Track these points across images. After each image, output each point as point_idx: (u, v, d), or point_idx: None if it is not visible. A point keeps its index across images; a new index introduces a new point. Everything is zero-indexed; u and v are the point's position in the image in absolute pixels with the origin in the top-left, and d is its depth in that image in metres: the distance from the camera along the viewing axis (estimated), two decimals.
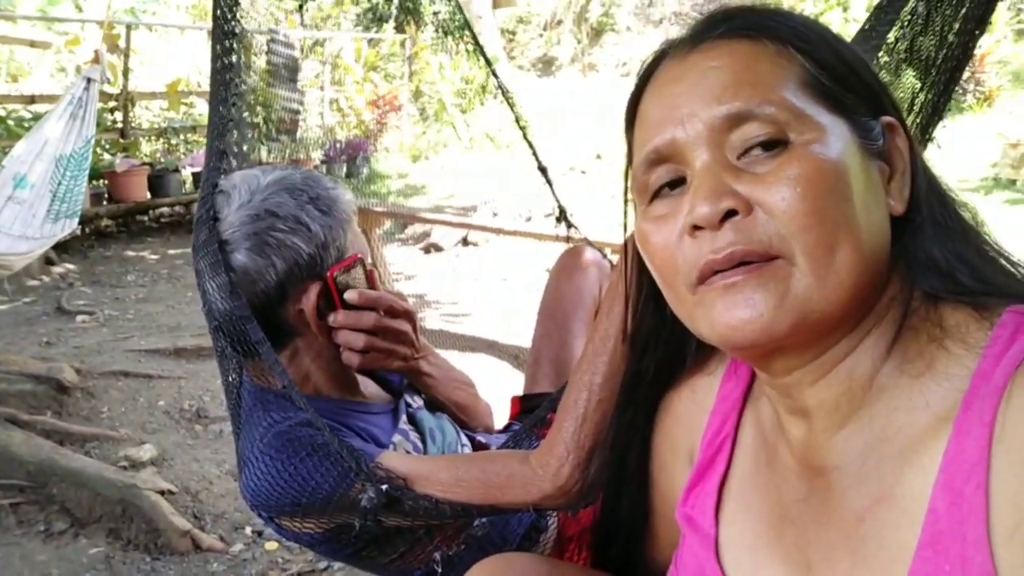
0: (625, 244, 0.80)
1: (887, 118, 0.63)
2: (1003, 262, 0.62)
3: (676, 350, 0.79)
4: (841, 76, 0.61)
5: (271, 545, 2.29)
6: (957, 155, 6.19)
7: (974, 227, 0.63)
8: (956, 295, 0.59)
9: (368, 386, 1.22)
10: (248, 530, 2.36)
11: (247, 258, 1.01)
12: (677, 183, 0.62)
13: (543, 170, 1.95)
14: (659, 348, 0.79)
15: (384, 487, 0.89)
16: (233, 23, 1.08)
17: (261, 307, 1.02)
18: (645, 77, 0.67)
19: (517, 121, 1.96)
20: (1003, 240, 0.64)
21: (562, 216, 1.95)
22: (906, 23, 0.88)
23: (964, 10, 0.87)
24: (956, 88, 0.98)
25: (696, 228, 0.58)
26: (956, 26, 0.88)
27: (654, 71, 0.66)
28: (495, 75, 2.02)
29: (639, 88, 0.67)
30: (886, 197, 0.61)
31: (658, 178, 0.63)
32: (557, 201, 1.95)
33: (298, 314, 1.05)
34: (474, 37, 2.12)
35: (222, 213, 1.03)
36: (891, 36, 0.88)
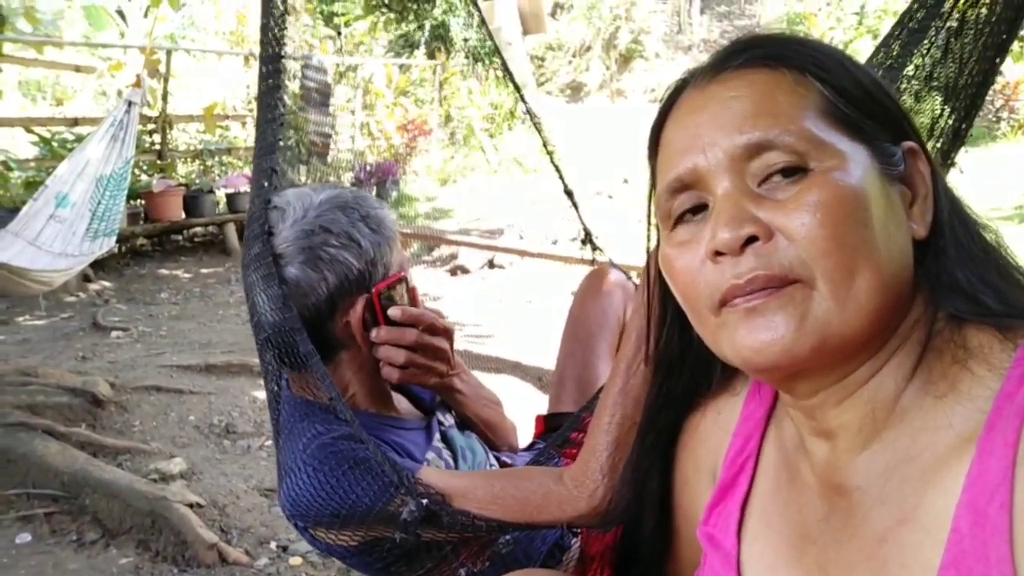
0: (647, 265, 0.81)
1: (908, 143, 0.63)
2: None
3: (702, 373, 0.79)
4: (860, 102, 0.62)
5: (295, 560, 2.31)
6: (991, 183, 6.11)
7: (996, 250, 0.64)
8: (981, 317, 0.59)
9: (401, 403, 1.25)
10: (273, 545, 2.39)
11: (300, 271, 1.04)
12: (700, 209, 0.63)
13: (569, 194, 1.97)
14: (685, 371, 0.79)
15: (425, 501, 0.90)
16: (279, 47, 1.13)
17: (311, 320, 1.05)
18: (667, 105, 0.69)
19: (544, 146, 1.99)
20: None
21: (587, 239, 1.97)
22: (926, 52, 0.90)
23: (984, 39, 0.88)
24: (979, 114, 0.99)
25: (718, 254, 0.60)
26: (976, 54, 0.90)
27: (676, 100, 0.68)
28: (523, 100, 2.06)
29: (662, 116, 0.69)
30: (908, 221, 0.62)
31: (681, 204, 0.64)
32: (583, 224, 1.97)
33: (345, 327, 1.08)
34: (503, 63, 2.16)
35: (276, 228, 1.06)
36: (911, 65, 0.90)
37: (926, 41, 0.89)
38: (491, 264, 6.02)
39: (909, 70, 0.91)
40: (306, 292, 1.05)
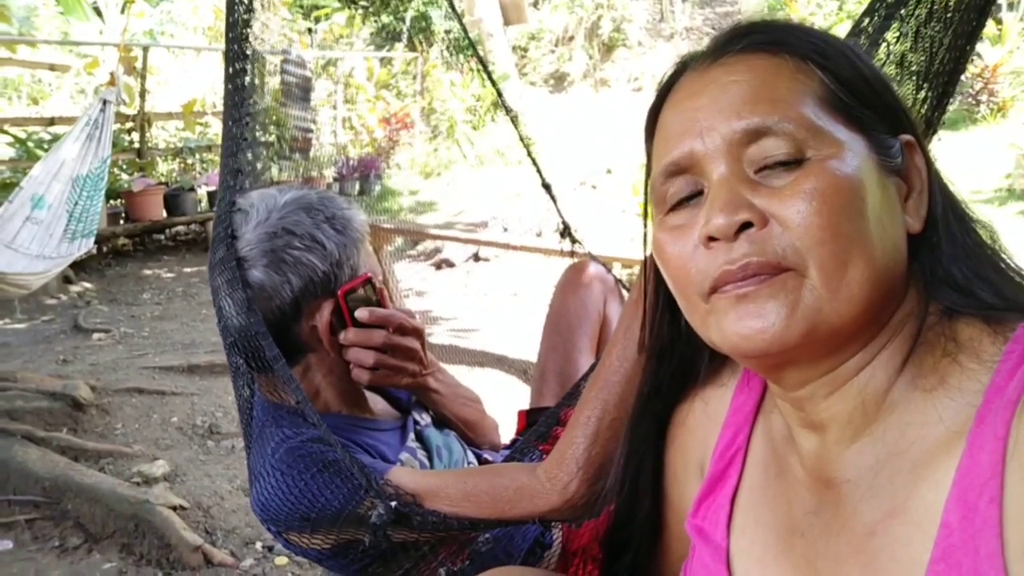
0: (644, 261, 0.80)
1: (906, 136, 0.63)
2: (1019, 279, 0.62)
3: (690, 362, 0.79)
4: (860, 93, 0.61)
5: (281, 560, 2.30)
6: (971, 166, 6.15)
7: (991, 245, 0.63)
8: (977, 310, 0.59)
9: (376, 403, 1.23)
10: (258, 545, 2.38)
11: (264, 274, 1.03)
12: (694, 195, 0.63)
13: (547, 187, 1.97)
14: (674, 360, 0.79)
15: (393, 504, 0.90)
16: (245, 45, 1.11)
17: (276, 323, 1.04)
18: (666, 89, 0.68)
19: (522, 140, 1.98)
20: (1019, 251, 0.64)
21: (566, 232, 1.97)
22: (895, 40, 0.89)
23: (953, 26, 0.88)
24: (959, 97, 0.99)
25: (711, 239, 0.59)
26: (946, 42, 0.89)
27: (675, 83, 0.67)
28: (500, 94, 2.05)
29: (660, 98, 0.69)
30: (903, 215, 0.61)
31: (677, 189, 0.64)
32: (561, 217, 1.98)
33: (311, 331, 1.07)
34: (479, 57, 2.14)
35: (240, 231, 1.04)
36: (881, 53, 0.90)
37: (895, 28, 0.88)
38: (476, 257, 6.01)
39: (879, 58, 0.90)
40: (270, 295, 1.03)
